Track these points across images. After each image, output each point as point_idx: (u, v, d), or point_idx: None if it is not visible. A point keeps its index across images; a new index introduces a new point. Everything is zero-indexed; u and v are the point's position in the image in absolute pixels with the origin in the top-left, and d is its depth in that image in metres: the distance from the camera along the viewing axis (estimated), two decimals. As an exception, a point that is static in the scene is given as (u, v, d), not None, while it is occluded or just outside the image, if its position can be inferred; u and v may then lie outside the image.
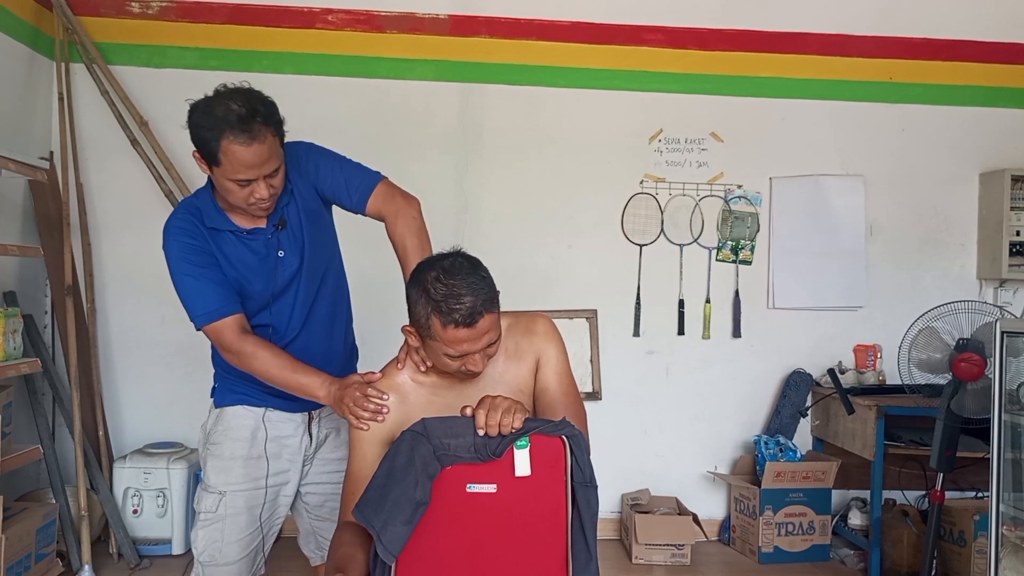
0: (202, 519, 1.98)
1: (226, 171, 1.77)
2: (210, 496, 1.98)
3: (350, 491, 1.64)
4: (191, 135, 1.78)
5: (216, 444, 2.01)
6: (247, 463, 1.99)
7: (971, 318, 3.01)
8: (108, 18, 3.79)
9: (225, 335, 1.86)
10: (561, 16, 3.95)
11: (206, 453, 2.03)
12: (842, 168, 4.12)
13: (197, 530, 1.99)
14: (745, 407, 4.09)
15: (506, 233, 3.96)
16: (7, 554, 2.73)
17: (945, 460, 3.01)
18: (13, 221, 3.52)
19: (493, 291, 1.59)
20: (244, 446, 1.99)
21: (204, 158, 1.79)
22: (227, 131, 1.72)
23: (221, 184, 1.81)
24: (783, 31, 4.04)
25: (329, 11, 3.87)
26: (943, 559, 3.48)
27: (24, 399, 3.38)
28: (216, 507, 1.97)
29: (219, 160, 1.76)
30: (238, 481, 1.98)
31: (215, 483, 1.98)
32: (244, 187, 1.79)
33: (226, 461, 1.99)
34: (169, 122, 3.80)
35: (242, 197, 1.81)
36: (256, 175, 1.78)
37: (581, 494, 1.50)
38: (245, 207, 1.84)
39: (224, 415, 2.02)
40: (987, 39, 4.11)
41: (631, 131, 4.02)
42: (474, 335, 1.56)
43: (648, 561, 3.63)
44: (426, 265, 1.61)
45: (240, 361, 1.86)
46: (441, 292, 1.54)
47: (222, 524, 1.96)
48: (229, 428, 2.01)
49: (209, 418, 2.07)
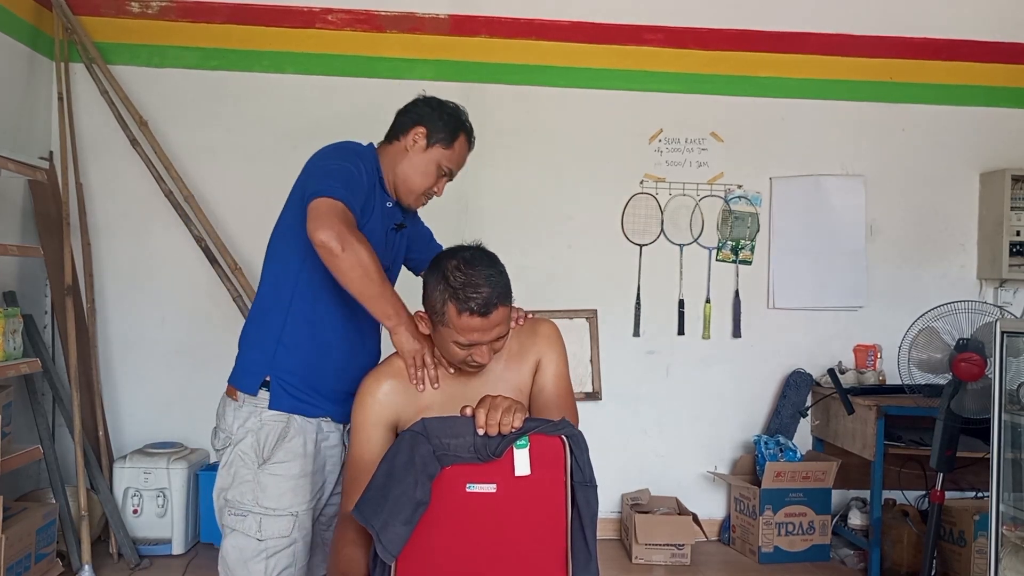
0: (270, 546, 1.81)
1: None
2: (281, 519, 1.82)
3: (352, 476, 1.66)
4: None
5: (283, 463, 1.84)
6: (312, 480, 1.89)
7: (971, 318, 3.01)
8: (108, 18, 3.79)
9: (348, 216, 1.74)
10: (561, 16, 3.95)
11: (262, 469, 1.83)
12: (842, 168, 4.12)
13: (262, 560, 1.81)
14: (745, 407, 4.09)
15: (506, 233, 3.95)
16: (7, 554, 2.73)
17: (945, 460, 3.01)
18: (13, 221, 3.52)
19: (508, 286, 1.65)
20: (310, 462, 1.88)
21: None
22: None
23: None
24: (783, 31, 4.04)
25: (329, 11, 3.87)
26: (943, 559, 3.48)
27: (24, 399, 3.37)
28: (291, 530, 1.83)
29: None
30: (307, 500, 1.87)
31: (287, 504, 1.83)
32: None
33: (297, 480, 1.85)
34: (169, 122, 3.80)
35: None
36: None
37: (581, 494, 1.50)
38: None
39: (290, 427, 1.86)
40: (987, 39, 4.11)
41: (631, 131, 4.02)
42: (486, 325, 1.60)
43: (648, 561, 3.63)
44: (447, 254, 1.67)
45: (344, 246, 1.68)
46: (460, 280, 1.59)
47: (294, 548, 1.85)
48: (295, 442, 1.86)
49: (252, 420, 1.86)
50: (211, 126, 3.84)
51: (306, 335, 1.88)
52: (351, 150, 1.93)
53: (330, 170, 1.82)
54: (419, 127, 1.96)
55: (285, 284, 1.90)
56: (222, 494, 1.87)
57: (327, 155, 1.91)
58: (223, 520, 1.88)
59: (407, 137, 1.97)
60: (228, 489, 1.86)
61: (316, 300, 1.88)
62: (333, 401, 1.91)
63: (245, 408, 1.87)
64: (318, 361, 1.88)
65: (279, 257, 1.94)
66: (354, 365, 1.91)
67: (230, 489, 1.85)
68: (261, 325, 1.92)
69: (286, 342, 1.87)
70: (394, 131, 2.01)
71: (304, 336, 1.88)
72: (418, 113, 1.97)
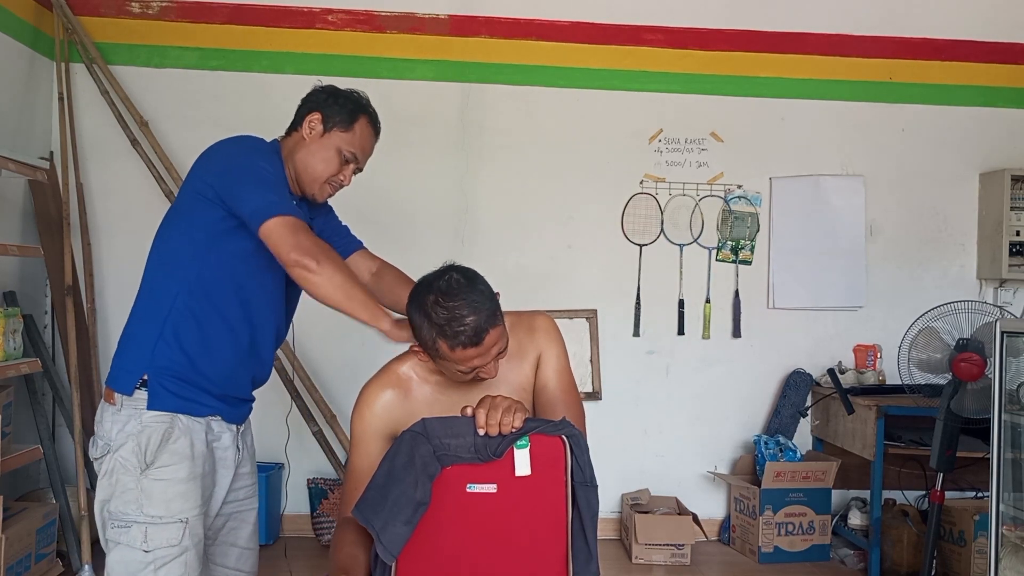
0: (158, 556, 1.70)
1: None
2: (169, 527, 1.71)
3: (351, 486, 1.64)
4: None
5: (167, 466, 1.73)
6: (202, 483, 1.78)
7: (971, 318, 3.01)
8: (108, 18, 3.79)
9: (308, 231, 1.71)
10: (561, 16, 3.95)
11: (145, 474, 1.71)
12: (842, 168, 4.12)
13: (150, 572, 1.70)
14: (745, 407, 4.09)
15: (506, 233, 3.96)
16: (7, 554, 2.73)
17: (945, 460, 3.01)
18: (13, 221, 3.52)
19: (494, 304, 1.60)
20: (199, 463, 1.77)
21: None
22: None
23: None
24: (783, 31, 4.04)
25: (329, 11, 3.87)
26: (943, 559, 3.48)
27: (24, 399, 3.37)
28: (181, 538, 1.72)
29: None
30: (197, 504, 1.76)
31: (176, 510, 1.72)
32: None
33: (185, 484, 1.74)
34: (169, 122, 3.80)
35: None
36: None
37: (581, 494, 1.50)
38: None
39: (174, 427, 1.75)
40: (987, 39, 4.11)
41: (631, 131, 4.02)
42: (482, 351, 1.57)
43: (648, 561, 3.63)
44: (423, 288, 1.61)
45: (317, 263, 1.66)
46: (443, 316, 1.55)
47: (185, 557, 1.73)
48: (180, 443, 1.75)
49: (132, 424, 1.74)
50: (211, 126, 3.81)
51: (192, 331, 1.78)
52: (257, 147, 1.87)
53: (259, 178, 1.76)
54: (314, 113, 1.90)
55: (173, 277, 1.80)
56: (104, 507, 1.75)
57: (240, 153, 1.83)
58: (106, 535, 1.75)
59: (304, 126, 1.91)
60: (110, 500, 1.74)
61: (209, 298, 1.79)
62: (223, 401, 1.83)
63: (124, 412, 1.75)
64: (204, 358, 1.78)
65: (169, 248, 1.84)
66: (242, 373, 1.86)
67: (112, 500, 1.73)
68: (141, 320, 1.83)
69: (167, 337, 1.77)
70: (292, 124, 1.96)
71: (189, 332, 1.78)
72: (313, 100, 1.92)
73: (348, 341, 3.63)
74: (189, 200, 1.82)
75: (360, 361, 2.82)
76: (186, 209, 1.83)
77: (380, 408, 1.68)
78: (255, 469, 2.03)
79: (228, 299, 1.81)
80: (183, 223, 1.83)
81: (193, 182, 1.83)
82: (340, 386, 3.79)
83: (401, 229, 3.84)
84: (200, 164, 1.85)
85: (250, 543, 1.99)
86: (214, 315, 1.80)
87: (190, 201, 1.82)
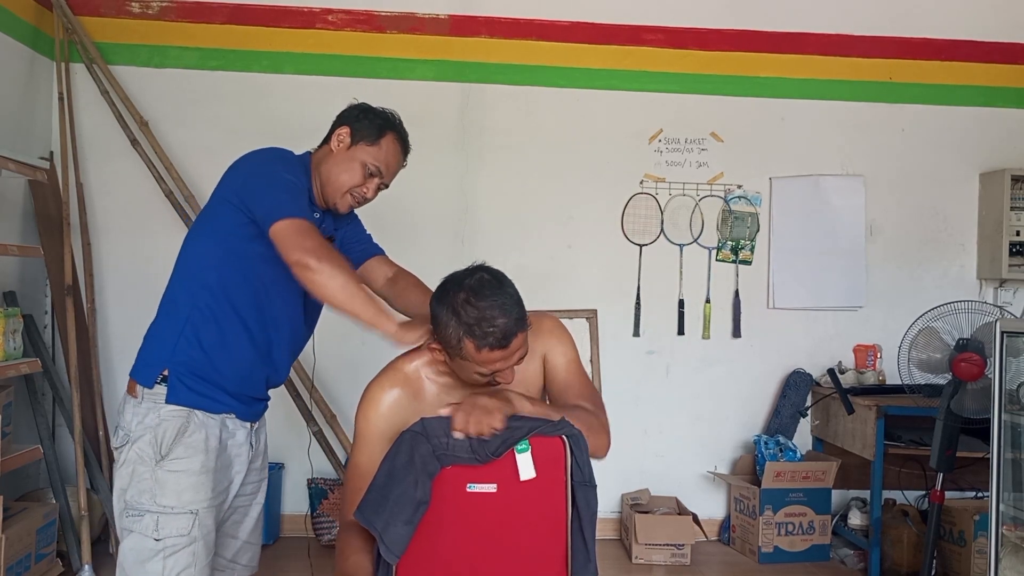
0: (168, 545, 1.76)
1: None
2: (180, 517, 1.77)
3: (353, 485, 1.63)
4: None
5: (182, 458, 1.79)
6: (215, 476, 1.84)
7: (971, 318, 3.01)
8: (108, 18, 3.79)
9: (316, 234, 1.76)
10: (561, 16, 3.95)
11: (159, 465, 1.78)
12: (842, 168, 4.12)
13: (159, 560, 1.75)
14: (745, 407, 4.09)
15: (506, 233, 3.96)
16: (7, 554, 2.73)
17: (945, 460, 3.01)
18: (13, 221, 3.52)
19: (522, 308, 1.58)
20: (212, 458, 1.83)
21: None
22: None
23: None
24: (783, 31, 4.04)
25: (329, 11, 3.87)
26: (943, 559, 3.48)
27: (24, 399, 3.37)
28: (190, 528, 1.78)
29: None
30: (208, 497, 1.82)
31: (187, 501, 1.78)
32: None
33: (197, 476, 1.80)
34: (169, 122, 3.80)
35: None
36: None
37: (581, 494, 1.51)
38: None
39: (191, 421, 1.82)
40: (987, 39, 4.11)
41: (631, 131, 4.02)
42: (507, 355, 1.56)
43: (648, 561, 3.63)
44: (452, 284, 1.59)
45: (318, 261, 1.70)
46: (473, 315, 1.53)
47: (193, 548, 1.78)
48: (195, 437, 1.81)
49: (151, 417, 1.81)
50: (211, 126, 3.84)
51: (211, 330, 1.84)
52: (282, 157, 1.94)
53: (276, 183, 1.81)
54: (343, 127, 1.97)
55: (196, 278, 1.87)
56: (121, 496, 1.81)
57: (264, 162, 1.90)
58: (121, 523, 1.82)
59: (333, 140, 1.97)
60: (127, 490, 1.80)
61: (228, 300, 1.85)
62: (237, 399, 1.88)
63: (144, 404, 1.83)
64: (221, 357, 1.84)
65: (194, 251, 1.91)
66: (257, 373, 1.91)
67: (128, 489, 1.80)
68: (166, 318, 1.90)
69: (188, 335, 1.83)
70: (325, 139, 2.02)
71: (209, 331, 1.84)
72: (345, 116, 2.00)
73: (348, 341, 3.61)
74: (215, 206, 1.90)
75: (360, 361, 2.82)
76: (212, 214, 1.91)
77: (387, 408, 1.66)
78: (266, 465, 2.08)
79: (247, 301, 1.86)
80: (208, 227, 1.91)
81: (221, 189, 1.91)
82: (340, 386, 3.79)
83: (401, 229, 3.84)
84: (228, 172, 1.93)
85: (251, 537, 2.03)
86: (233, 316, 1.86)
87: (216, 207, 1.90)
